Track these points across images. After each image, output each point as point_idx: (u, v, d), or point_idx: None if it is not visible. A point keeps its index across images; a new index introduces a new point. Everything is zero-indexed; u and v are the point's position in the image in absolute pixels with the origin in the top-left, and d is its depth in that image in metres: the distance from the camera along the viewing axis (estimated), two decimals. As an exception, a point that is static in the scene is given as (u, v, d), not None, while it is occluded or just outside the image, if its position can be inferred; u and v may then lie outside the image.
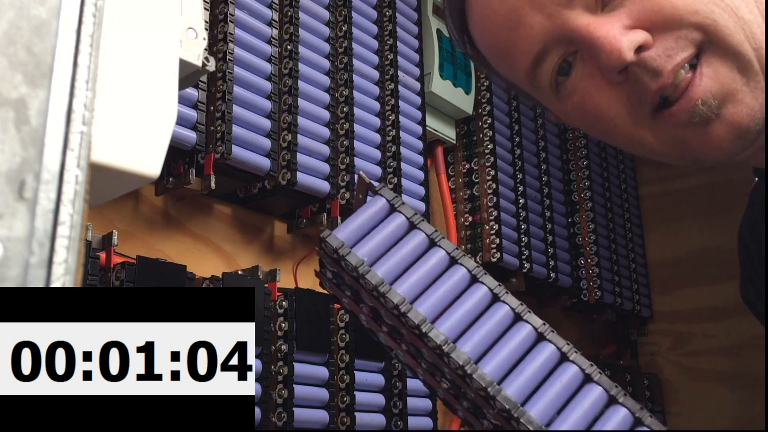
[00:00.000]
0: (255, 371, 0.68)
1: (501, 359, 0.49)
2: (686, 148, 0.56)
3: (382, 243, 0.53)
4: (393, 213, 0.54)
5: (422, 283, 0.51)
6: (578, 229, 1.25)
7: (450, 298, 0.51)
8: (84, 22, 0.28)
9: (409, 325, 0.49)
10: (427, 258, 0.52)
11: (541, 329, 0.51)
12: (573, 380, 0.49)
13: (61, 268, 0.25)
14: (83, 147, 0.27)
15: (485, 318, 0.51)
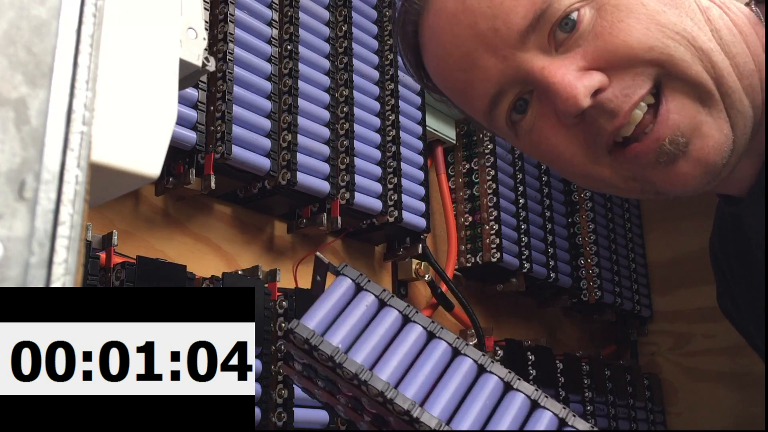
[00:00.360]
0: (255, 371, 0.68)
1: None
2: (648, 184, 0.56)
3: (354, 326, 0.50)
4: (360, 292, 0.52)
5: (404, 364, 0.49)
6: (578, 229, 1.25)
7: (435, 376, 0.49)
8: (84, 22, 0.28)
9: (397, 411, 0.47)
10: (405, 336, 0.50)
11: (534, 396, 0.49)
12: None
13: (61, 268, 0.25)
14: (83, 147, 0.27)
15: (476, 392, 0.49)
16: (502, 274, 1.06)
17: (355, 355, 0.48)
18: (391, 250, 0.95)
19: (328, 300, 0.52)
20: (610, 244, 1.30)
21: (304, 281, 0.84)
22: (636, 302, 1.35)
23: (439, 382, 0.49)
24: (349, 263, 0.55)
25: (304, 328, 0.49)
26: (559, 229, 1.18)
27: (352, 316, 0.51)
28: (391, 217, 0.86)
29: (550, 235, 1.14)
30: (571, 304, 1.21)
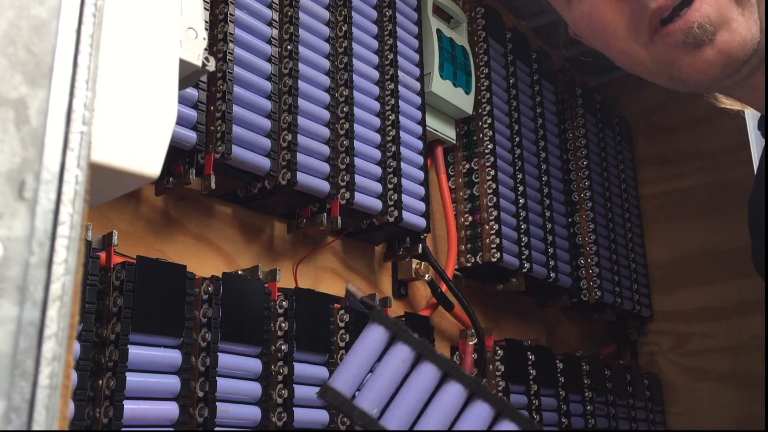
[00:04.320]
0: (255, 371, 0.68)
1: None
2: (675, 69, 0.59)
3: (389, 385, 0.47)
4: (395, 344, 0.49)
5: (444, 426, 0.47)
6: (578, 229, 1.25)
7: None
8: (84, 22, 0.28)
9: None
10: (444, 395, 0.48)
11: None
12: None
13: (61, 268, 0.25)
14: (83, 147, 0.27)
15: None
16: (502, 274, 1.06)
17: (390, 420, 0.46)
18: (391, 250, 0.95)
19: (358, 354, 0.49)
20: (610, 244, 1.30)
21: (304, 281, 0.84)
22: (636, 302, 1.35)
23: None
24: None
25: (336, 394, 0.47)
26: (559, 229, 1.18)
27: (385, 374, 0.48)
28: (391, 217, 0.86)
29: (550, 235, 1.14)
30: (571, 304, 1.21)
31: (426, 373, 0.48)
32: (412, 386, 0.48)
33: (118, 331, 0.57)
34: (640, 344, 1.43)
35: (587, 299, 1.22)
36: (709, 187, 1.41)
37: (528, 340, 1.04)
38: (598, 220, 1.27)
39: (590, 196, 1.27)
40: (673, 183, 1.46)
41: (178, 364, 0.62)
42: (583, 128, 1.31)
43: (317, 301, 0.74)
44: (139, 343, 0.59)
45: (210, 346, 0.64)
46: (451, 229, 1.04)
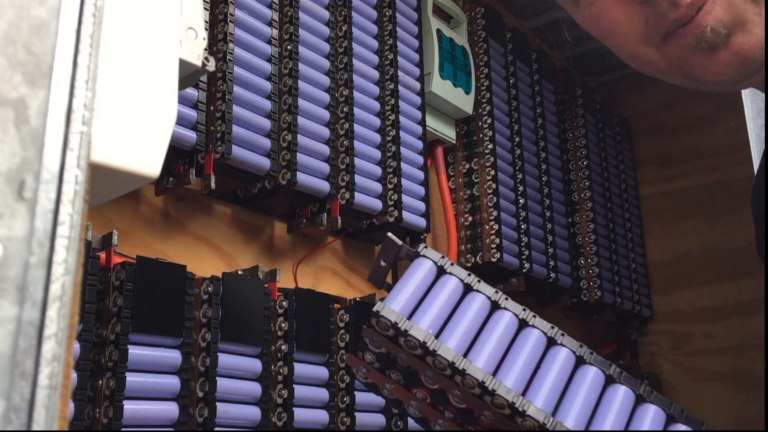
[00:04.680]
0: (255, 371, 0.68)
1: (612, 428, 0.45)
2: (689, 70, 0.57)
3: (441, 311, 0.46)
4: (443, 275, 0.48)
5: (499, 352, 0.46)
6: (578, 229, 1.25)
7: (532, 365, 0.46)
8: (84, 22, 0.28)
9: (498, 404, 0.43)
10: (495, 323, 0.47)
11: (639, 391, 0.46)
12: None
13: (61, 268, 0.25)
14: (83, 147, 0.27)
15: (577, 383, 0.46)
16: (502, 274, 1.06)
17: (447, 342, 0.44)
18: (391, 250, 0.95)
19: (411, 282, 0.48)
20: (610, 244, 1.30)
21: (304, 281, 0.84)
22: (636, 302, 1.35)
23: (537, 372, 0.46)
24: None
25: (391, 311, 0.45)
26: (559, 229, 1.18)
27: (438, 300, 0.47)
28: (391, 217, 0.86)
29: (550, 235, 1.14)
30: (571, 304, 1.21)
31: (476, 301, 0.48)
32: (465, 313, 0.47)
33: (118, 331, 0.57)
34: (640, 344, 1.43)
35: (587, 299, 1.22)
36: (709, 187, 1.41)
37: (528, 340, 1.04)
38: (598, 220, 1.27)
39: (590, 196, 1.27)
40: (673, 183, 1.46)
41: (178, 364, 0.62)
42: (583, 128, 1.31)
43: (317, 301, 0.74)
44: (139, 343, 0.59)
45: (210, 346, 0.64)
46: (451, 229, 1.04)
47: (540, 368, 0.46)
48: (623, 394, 0.47)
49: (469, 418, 0.46)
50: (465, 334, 0.46)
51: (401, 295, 0.47)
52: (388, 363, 0.48)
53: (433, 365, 0.44)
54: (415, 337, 0.44)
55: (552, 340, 0.48)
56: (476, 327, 0.47)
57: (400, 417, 0.79)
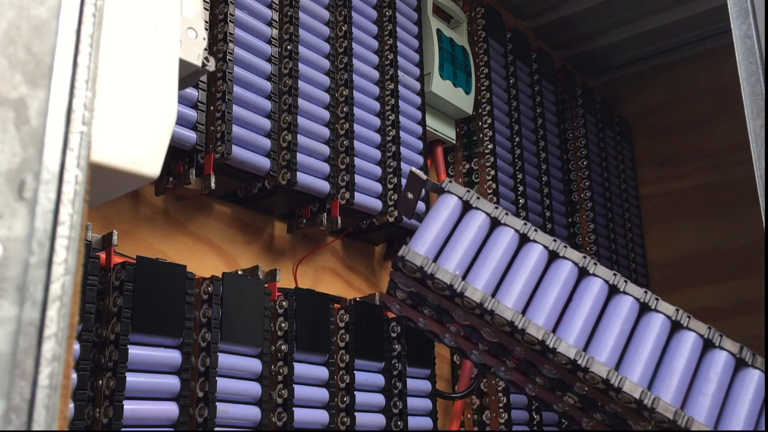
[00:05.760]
0: (255, 371, 0.68)
1: (644, 363, 0.43)
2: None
3: (469, 249, 0.45)
4: (470, 211, 0.47)
5: (528, 288, 0.44)
6: (578, 229, 1.25)
7: (563, 300, 0.44)
8: (84, 22, 0.28)
9: (529, 341, 0.42)
10: (525, 257, 0.45)
11: (675, 316, 0.44)
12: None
13: (61, 268, 0.25)
14: (83, 147, 0.27)
15: (610, 315, 0.44)
16: (502, 274, 1.06)
17: (474, 281, 0.43)
18: (391, 250, 0.95)
19: (436, 221, 0.47)
20: (610, 244, 1.30)
21: (304, 281, 0.84)
22: (636, 302, 1.35)
23: (568, 307, 0.44)
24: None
25: (416, 255, 0.44)
26: (559, 228, 1.18)
27: (464, 238, 0.45)
28: (391, 217, 0.86)
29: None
30: (571, 304, 1.21)
31: (504, 236, 0.46)
32: (492, 250, 0.45)
33: (118, 331, 0.57)
34: (640, 344, 1.43)
35: (587, 299, 1.22)
36: (709, 187, 1.41)
37: (528, 340, 1.04)
38: (598, 220, 1.27)
39: (590, 196, 1.27)
40: (673, 183, 1.46)
41: (178, 364, 0.62)
42: (583, 128, 1.31)
43: (317, 301, 0.74)
44: (139, 343, 0.59)
45: (210, 346, 0.64)
46: (451, 229, 1.04)
47: (571, 301, 0.45)
48: (660, 323, 0.45)
49: (502, 351, 0.45)
50: (493, 273, 0.44)
51: (426, 236, 0.46)
52: (419, 300, 0.47)
53: (462, 305, 0.44)
54: (442, 280, 0.43)
55: (584, 271, 0.46)
56: (505, 263, 0.45)
57: (400, 417, 0.79)
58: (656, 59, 1.52)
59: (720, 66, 1.40)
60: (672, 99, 1.49)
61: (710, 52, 1.45)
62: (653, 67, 1.53)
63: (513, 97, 1.13)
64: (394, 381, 0.80)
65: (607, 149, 1.37)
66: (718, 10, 1.26)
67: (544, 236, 0.46)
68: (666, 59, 1.51)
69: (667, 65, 1.52)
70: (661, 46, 1.48)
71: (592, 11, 1.34)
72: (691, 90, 1.47)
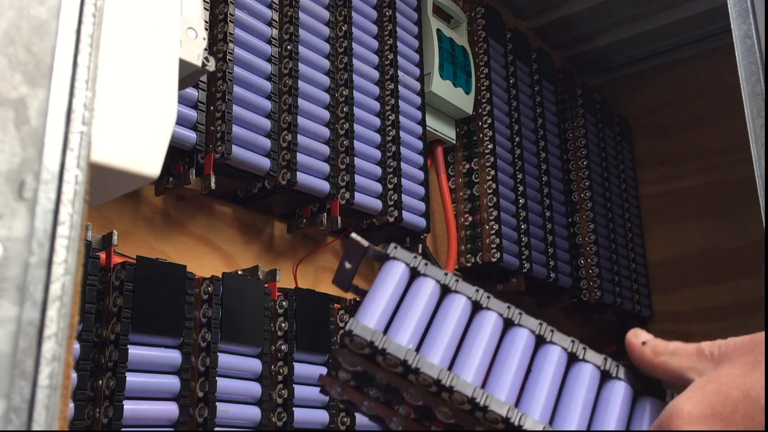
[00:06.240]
0: (255, 371, 0.68)
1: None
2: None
3: (421, 320, 0.42)
4: (418, 278, 0.44)
5: (486, 361, 0.42)
6: (578, 229, 1.25)
7: (524, 371, 0.42)
8: (84, 22, 0.28)
9: (491, 419, 0.39)
10: (479, 327, 0.43)
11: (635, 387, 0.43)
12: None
13: (61, 268, 0.25)
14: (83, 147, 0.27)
15: (572, 385, 0.42)
16: (502, 274, 1.06)
17: (428, 356, 0.40)
18: (391, 250, 0.95)
19: (383, 290, 0.43)
20: (610, 244, 1.30)
21: (304, 281, 0.84)
22: (636, 302, 1.35)
23: (529, 378, 0.42)
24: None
25: (365, 328, 0.40)
26: (559, 229, 1.18)
27: (414, 307, 0.42)
28: (391, 217, 0.86)
29: (550, 235, 1.14)
30: (571, 304, 1.21)
31: (457, 304, 0.43)
32: (446, 319, 0.42)
33: (118, 331, 0.57)
34: (640, 344, 1.42)
35: (587, 299, 1.22)
36: (709, 187, 1.41)
37: (528, 340, 1.04)
38: (598, 220, 1.27)
39: (590, 196, 1.27)
40: (673, 183, 1.46)
41: (178, 364, 0.62)
42: (583, 128, 1.31)
43: (317, 301, 0.74)
44: (139, 343, 0.59)
45: (210, 346, 0.64)
46: (451, 229, 1.04)
47: (531, 372, 0.43)
48: (622, 392, 0.43)
49: (457, 429, 0.42)
50: (448, 344, 0.42)
51: (374, 307, 0.42)
52: (365, 380, 0.44)
53: (416, 382, 0.40)
54: (395, 355, 0.40)
55: (541, 339, 0.44)
56: (459, 333, 0.43)
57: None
58: (656, 59, 1.52)
59: (720, 66, 1.40)
60: (672, 99, 1.49)
61: (710, 52, 1.45)
62: (653, 67, 1.53)
63: (513, 97, 1.13)
64: (394, 381, 0.80)
65: (607, 149, 1.37)
66: (718, 10, 1.26)
67: (497, 303, 0.44)
68: (666, 59, 1.51)
69: (667, 65, 1.52)
70: (661, 46, 1.48)
71: (592, 11, 1.34)
72: (691, 90, 1.47)
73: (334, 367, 0.44)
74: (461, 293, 0.43)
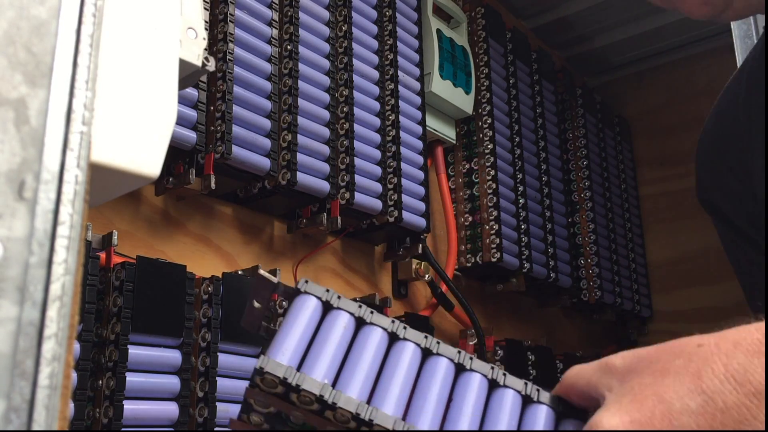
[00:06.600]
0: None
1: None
2: (676, 3, 0.65)
3: (336, 354, 0.40)
4: (331, 311, 0.43)
5: (406, 392, 0.40)
6: (578, 229, 1.25)
7: (445, 400, 0.41)
8: (84, 22, 0.28)
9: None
10: (397, 358, 0.42)
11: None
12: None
13: (61, 268, 0.25)
14: (83, 147, 0.27)
15: (494, 411, 0.42)
16: (502, 274, 1.06)
17: (346, 390, 0.39)
18: (391, 250, 0.95)
19: (296, 326, 0.42)
20: (610, 244, 1.30)
21: (304, 281, 0.84)
22: (636, 302, 1.35)
23: (450, 408, 0.41)
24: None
25: (277, 365, 0.38)
26: (559, 229, 1.18)
27: (329, 341, 0.41)
28: (391, 217, 0.86)
29: (550, 235, 1.14)
30: (571, 304, 1.21)
31: (373, 336, 0.42)
32: (362, 352, 0.41)
33: (118, 331, 0.57)
34: (640, 344, 1.42)
35: (587, 299, 1.22)
36: (709, 187, 1.41)
37: (528, 340, 1.04)
38: (598, 220, 1.27)
39: (590, 196, 1.27)
40: (673, 183, 1.46)
41: (178, 364, 0.62)
42: (583, 128, 1.31)
43: (317, 301, 0.74)
44: (139, 343, 0.59)
45: (210, 346, 0.64)
46: (451, 229, 1.04)
47: (453, 401, 0.42)
48: (545, 415, 0.42)
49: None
50: (366, 377, 0.40)
51: (286, 344, 0.40)
52: (280, 423, 0.42)
53: (334, 419, 0.39)
54: (310, 391, 0.38)
55: (461, 367, 0.43)
56: (377, 366, 0.41)
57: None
58: (656, 59, 1.52)
59: (720, 66, 1.40)
60: (672, 99, 1.49)
61: (710, 52, 1.45)
62: (653, 67, 1.53)
63: (513, 97, 1.13)
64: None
65: (607, 149, 1.37)
66: (718, 10, 1.26)
67: (414, 333, 0.43)
68: (666, 59, 1.51)
69: (667, 65, 1.52)
70: (661, 46, 1.48)
71: (592, 11, 1.34)
72: (691, 90, 1.47)
73: (245, 409, 0.42)
74: (377, 325, 0.42)
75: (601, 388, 0.39)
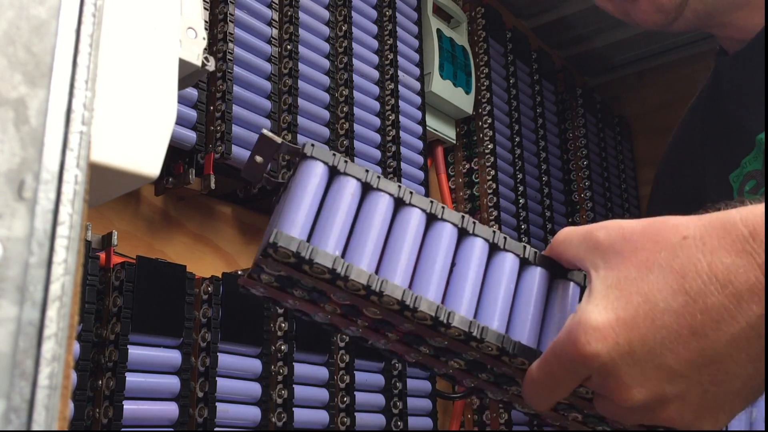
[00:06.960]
0: (255, 371, 0.68)
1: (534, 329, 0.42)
2: (628, 15, 0.74)
3: (345, 224, 0.41)
4: (338, 177, 0.42)
5: (412, 260, 0.41)
6: (578, 229, 1.25)
7: (447, 265, 0.42)
8: (84, 22, 0.28)
9: (420, 318, 0.40)
10: (404, 225, 0.42)
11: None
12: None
13: (61, 268, 0.25)
14: (83, 147, 0.27)
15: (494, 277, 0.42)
16: (502, 274, 1.06)
17: (355, 260, 0.39)
18: (391, 250, 0.95)
19: (304, 195, 0.41)
20: (610, 244, 1.30)
21: (304, 281, 0.84)
22: (636, 302, 1.35)
23: (453, 273, 0.42)
24: None
25: (290, 239, 0.39)
26: (559, 228, 1.18)
27: (338, 211, 0.41)
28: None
29: (550, 235, 1.14)
30: (571, 304, 1.21)
31: (378, 203, 0.42)
32: (370, 220, 0.41)
33: (118, 332, 0.57)
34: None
35: (587, 299, 1.22)
36: (709, 187, 1.41)
37: (528, 340, 1.04)
38: (598, 220, 1.27)
39: (590, 196, 1.27)
40: (673, 183, 1.46)
41: (177, 365, 0.62)
42: (583, 128, 1.31)
43: (317, 301, 0.74)
44: (139, 343, 0.59)
45: (210, 346, 0.64)
46: (451, 229, 1.04)
47: (456, 266, 0.42)
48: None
49: (386, 326, 0.42)
50: (375, 247, 0.41)
51: (296, 214, 0.40)
52: (289, 283, 0.42)
53: (344, 287, 0.40)
54: (322, 264, 0.39)
55: (464, 231, 0.43)
56: (384, 234, 0.41)
57: (400, 417, 0.79)
58: (656, 59, 1.52)
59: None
60: (672, 99, 1.49)
61: (710, 52, 1.45)
62: (653, 67, 1.53)
63: (513, 97, 1.13)
64: (394, 381, 0.80)
65: (607, 149, 1.37)
66: (718, 10, 1.26)
67: (420, 198, 0.43)
68: (666, 59, 1.51)
69: (667, 65, 1.52)
70: (661, 46, 1.48)
71: (592, 11, 1.34)
72: (691, 90, 1.47)
73: (256, 271, 0.42)
74: (383, 191, 0.42)
75: (586, 263, 0.41)
